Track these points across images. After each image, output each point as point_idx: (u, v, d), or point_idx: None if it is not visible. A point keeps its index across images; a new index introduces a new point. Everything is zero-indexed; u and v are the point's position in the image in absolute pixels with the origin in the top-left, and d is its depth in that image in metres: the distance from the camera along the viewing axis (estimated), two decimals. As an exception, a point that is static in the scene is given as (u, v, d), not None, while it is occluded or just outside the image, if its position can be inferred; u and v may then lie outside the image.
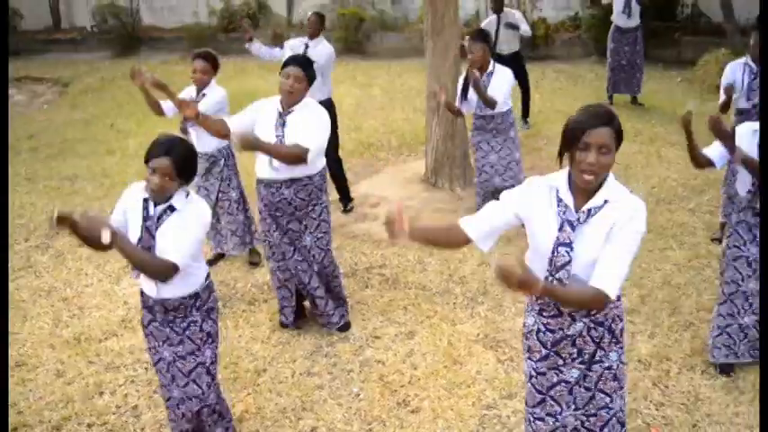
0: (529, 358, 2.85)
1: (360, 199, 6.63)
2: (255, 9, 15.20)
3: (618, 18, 9.35)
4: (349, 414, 3.88)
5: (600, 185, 2.54)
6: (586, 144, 2.43)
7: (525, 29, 8.71)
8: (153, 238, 3.03)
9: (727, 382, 4.02)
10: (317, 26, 6.39)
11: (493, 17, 8.69)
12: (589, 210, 2.53)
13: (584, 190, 2.55)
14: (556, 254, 2.57)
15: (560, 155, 2.58)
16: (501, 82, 5.58)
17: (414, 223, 2.78)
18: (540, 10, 13.57)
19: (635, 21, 9.31)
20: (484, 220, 2.74)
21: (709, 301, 4.77)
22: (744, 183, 3.87)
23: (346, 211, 6.45)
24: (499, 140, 5.76)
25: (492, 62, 5.64)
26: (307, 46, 6.27)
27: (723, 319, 4.04)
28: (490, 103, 5.49)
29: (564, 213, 2.56)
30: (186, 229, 3.05)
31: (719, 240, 5.45)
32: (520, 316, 4.42)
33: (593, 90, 10.25)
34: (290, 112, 4.19)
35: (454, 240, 2.83)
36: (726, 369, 4.10)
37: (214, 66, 5.22)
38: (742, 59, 5.58)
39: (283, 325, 4.68)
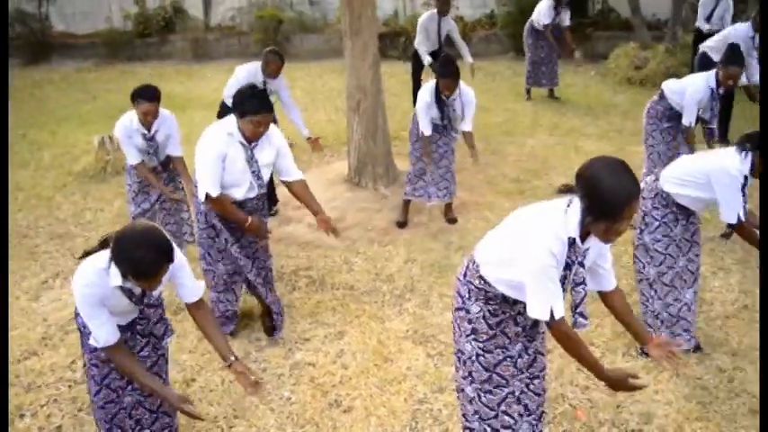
0: (474, 339, 2.93)
1: (283, 201, 6.58)
2: (171, 13, 14.87)
3: (538, 18, 9.62)
4: (281, 418, 3.86)
5: None
6: (630, 213, 2.44)
7: (458, 40, 8.84)
8: None
9: (647, 362, 4.17)
10: (279, 67, 6.19)
11: (434, 16, 8.67)
12: (587, 247, 2.65)
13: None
14: (573, 294, 2.71)
15: (598, 216, 2.49)
16: (467, 104, 5.70)
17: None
18: (457, 8, 13.74)
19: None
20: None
21: (627, 286, 4.93)
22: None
23: (271, 214, 6.40)
24: (440, 151, 5.85)
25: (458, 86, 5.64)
26: (265, 83, 6.12)
27: (673, 306, 4.20)
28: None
29: (575, 256, 2.60)
30: None
31: (634, 227, 5.64)
32: (447, 311, 4.48)
33: (512, 86, 10.49)
34: (255, 146, 4.13)
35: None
36: (646, 351, 4.25)
37: (159, 99, 5.03)
38: (706, 82, 5.59)
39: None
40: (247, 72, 6.10)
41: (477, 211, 6.35)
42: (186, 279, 3.08)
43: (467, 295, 2.93)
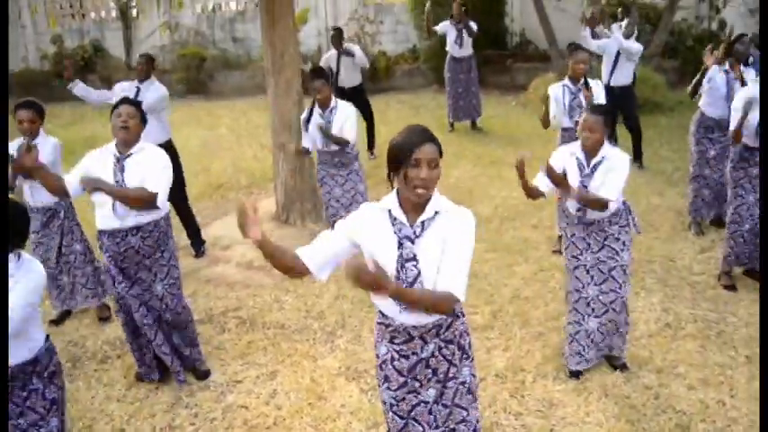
0: (387, 388, 2.89)
1: (211, 241, 6.50)
2: (91, 52, 14.58)
3: (451, 48, 9.81)
4: (214, 465, 3.77)
5: (428, 199, 2.65)
6: (417, 160, 2.54)
7: (361, 56, 8.91)
8: None
9: (576, 385, 4.27)
10: (146, 68, 6.17)
11: (333, 52, 8.87)
12: (423, 222, 2.65)
13: (414, 206, 2.65)
14: (403, 270, 2.65)
15: (390, 177, 2.67)
16: (344, 117, 5.66)
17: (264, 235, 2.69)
18: (379, 44, 13.99)
19: (467, 50, 9.80)
20: (319, 250, 2.75)
21: (555, 310, 5.06)
22: (573, 203, 4.15)
23: (198, 255, 6.31)
24: (343, 174, 5.84)
25: (333, 98, 5.73)
26: (138, 89, 6.07)
27: (572, 327, 4.30)
28: (344, 143, 5.61)
29: (400, 231, 2.66)
30: (16, 294, 2.85)
31: (560, 252, 5.79)
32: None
33: (436, 118, 10.65)
34: (127, 156, 4.06)
35: (294, 267, 2.77)
36: (575, 373, 4.35)
37: (40, 114, 4.93)
38: (561, 82, 6.01)
39: (141, 378, 4.49)
40: (121, 89, 6.09)
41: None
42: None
43: (376, 337, 2.92)
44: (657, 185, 7.67)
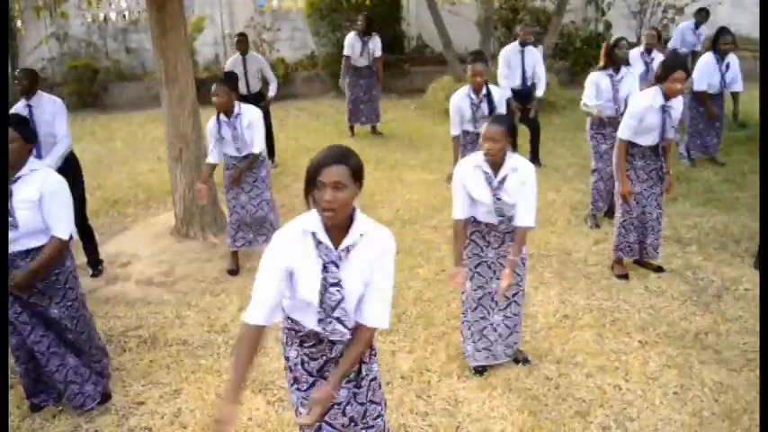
0: (297, 389, 2.89)
1: (109, 259, 6.28)
2: (-27, 68, 13.85)
3: (356, 60, 9.85)
4: (116, 491, 3.64)
5: (352, 221, 2.63)
6: (322, 183, 2.51)
7: (270, 74, 8.89)
8: None
9: (481, 381, 4.36)
10: (28, 84, 5.78)
11: (237, 57, 8.75)
12: (347, 247, 2.63)
13: (338, 228, 2.62)
14: (326, 294, 2.63)
15: (306, 196, 2.63)
16: (248, 121, 5.66)
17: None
18: (277, 51, 13.89)
19: (368, 59, 9.86)
20: (266, 302, 2.65)
21: (457, 310, 5.13)
22: (493, 216, 4.21)
23: (95, 274, 6.08)
24: (250, 181, 5.81)
25: (238, 104, 5.67)
26: (30, 107, 5.73)
27: (478, 323, 4.37)
28: (253, 159, 5.66)
29: (326, 255, 2.62)
30: None
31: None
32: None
33: (335, 124, 10.68)
34: (15, 181, 3.81)
35: (258, 344, 2.70)
36: (479, 370, 4.44)
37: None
38: (464, 91, 6.10)
39: (35, 408, 4.27)
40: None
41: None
42: None
43: (284, 340, 2.92)
44: (553, 182, 7.93)
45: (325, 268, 2.61)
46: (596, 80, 6.49)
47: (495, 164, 4.04)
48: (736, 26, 14.81)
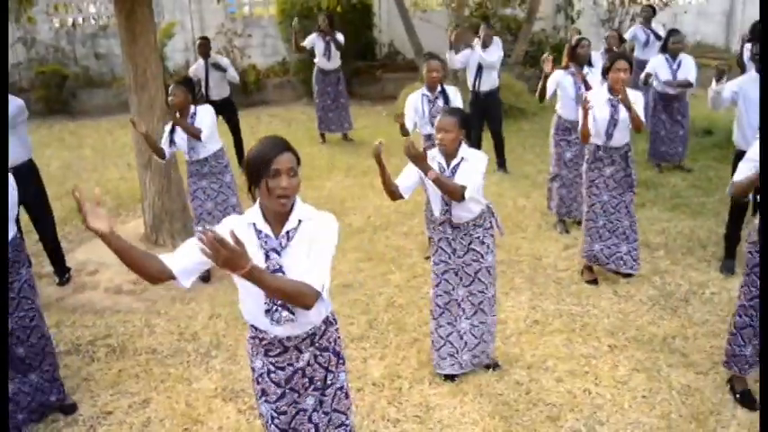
0: (266, 401, 2.87)
1: (77, 267, 6.20)
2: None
3: (320, 61, 9.84)
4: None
5: (291, 209, 2.66)
6: (277, 171, 2.54)
7: (233, 75, 8.85)
8: None
9: (452, 387, 4.37)
10: None
11: (201, 62, 8.71)
12: (287, 233, 2.66)
13: (278, 216, 2.65)
14: None
15: (251, 189, 2.65)
16: (200, 117, 5.66)
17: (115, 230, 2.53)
18: (249, 57, 13.84)
19: (335, 63, 9.87)
20: (185, 256, 2.63)
21: (428, 316, 5.14)
22: (437, 205, 4.24)
23: (63, 282, 6.00)
24: (215, 187, 5.78)
25: (193, 106, 5.68)
26: None
27: (444, 329, 4.38)
28: (196, 136, 5.57)
29: (266, 243, 2.65)
30: None
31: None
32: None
33: (306, 131, 10.65)
34: None
35: (151, 268, 2.57)
36: (450, 376, 4.45)
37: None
38: (419, 91, 6.14)
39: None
40: None
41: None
42: None
43: (250, 352, 2.90)
44: (523, 188, 8.00)
45: (267, 257, 2.64)
46: (559, 79, 6.58)
47: (449, 154, 4.13)
48: (702, 35, 15.12)
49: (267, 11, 14.67)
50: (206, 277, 5.91)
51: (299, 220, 2.67)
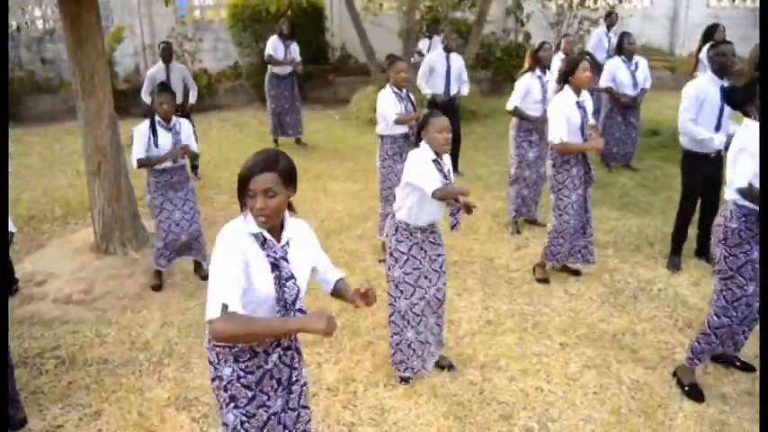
0: (235, 407, 2.86)
1: (25, 278, 6.06)
2: None
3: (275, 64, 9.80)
4: None
5: (284, 219, 2.74)
6: (253, 191, 2.57)
7: (191, 82, 8.77)
8: None
9: (407, 389, 4.39)
10: None
11: (161, 66, 8.57)
12: (287, 241, 2.73)
13: (275, 228, 2.70)
14: (283, 290, 2.67)
15: (240, 202, 2.67)
16: (187, 131, 5.69)
17: None
18: (200, 61, 13.71)
19: (289, 67, 9.83)
20: (238, 283, 2.57)
21: (383, 319, 5.17)
22: (437, 213, 4.24)
23: (10, 294, 5.85)
24: (181, 195, 5.71)
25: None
26: None
27: (423, 334, 4.43)
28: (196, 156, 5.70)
29: (274, 252, 2.67)
30: None
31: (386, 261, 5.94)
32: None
33: (259, 135, 10.60)
34: None
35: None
36: (405, 378, 4.47)
37: None
38: (387, 89, 6.12)
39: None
40: None
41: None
42: None
43: (216, 360, 2.87)
44: (475, 190, 8.07)
45: (275, 266, 2.66)
46: (527, 83, 6.70)
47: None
48: (647, 38, 15.48)
49: (218, 14, 14.55)
50: (158, 285, 5.83)
51: (293, 229, 2.79)
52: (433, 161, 4.17)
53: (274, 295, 2.67)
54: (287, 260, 2.70)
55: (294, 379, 2.95)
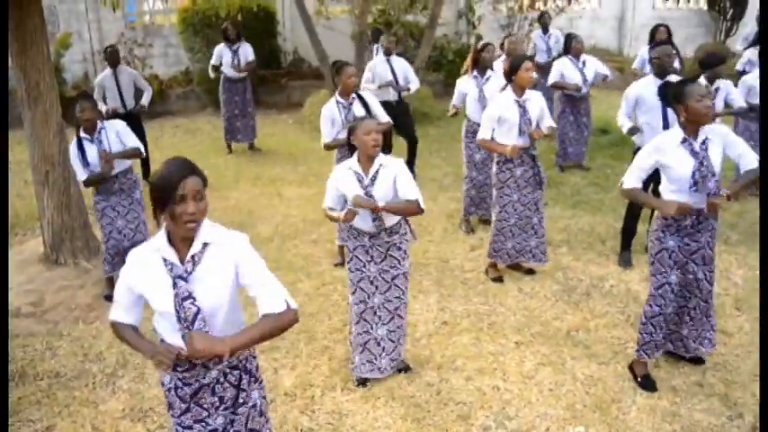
0: (172, 415, 2.85)
1: (-29, 292, 5.91)
2: None
3: (227, 70, 9.72)
4: None
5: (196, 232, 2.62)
6: (182, 196, 2.50)
7: (144, 83, 8.64)
8: None
9: (364, 392, 4.40)
10: None
11: (108, 71, 8.43)
12: (193, 257, 2.61)
13: (185, 240, 2.61)
14: (181, 310, 2.58)
15: (156, 214, 2.59)
16: (115, 132, 5.57)
17: None
18: (150, 67, 13.53)
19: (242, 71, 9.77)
20: (130, 308, 2.82)
21: (339, 322, 5.18)
22: (366, 219, 4.21)
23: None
24: (125, 204, 5.62)
25: (101, 120, 5.53)
26: None
27: (362, 336, 4.41)
28: (136, 155, 5.62)
29: (172, 270, 2.60)
30: None
31: (342, 264, 5.94)
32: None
33: (212, 141, 10.50)
34: None
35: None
36: (363, 381, 4.47)
37: None
38: (333, 98, 6.12)
39: None
40: None
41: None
42: None
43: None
44: (430, 191, 8.11)
45: (174, 284, 2.59)
46: (463, 84, 6.80)
47: (366, 164, 4.16)
48: (596, 39, 15.77)
49: (168, 20, 14.38)
50: (111, 296, 5.72)
51: (204, 243, 2.63)
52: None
53: (173, 314, 2.60)
54: (185, 279, 2.59)
55: (241, 400, 2.86)
